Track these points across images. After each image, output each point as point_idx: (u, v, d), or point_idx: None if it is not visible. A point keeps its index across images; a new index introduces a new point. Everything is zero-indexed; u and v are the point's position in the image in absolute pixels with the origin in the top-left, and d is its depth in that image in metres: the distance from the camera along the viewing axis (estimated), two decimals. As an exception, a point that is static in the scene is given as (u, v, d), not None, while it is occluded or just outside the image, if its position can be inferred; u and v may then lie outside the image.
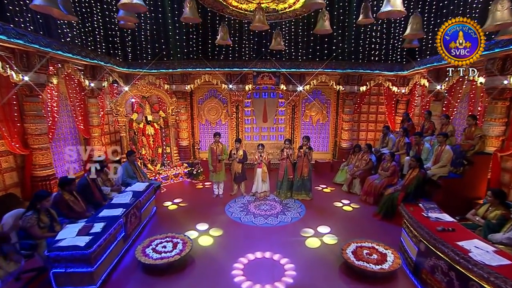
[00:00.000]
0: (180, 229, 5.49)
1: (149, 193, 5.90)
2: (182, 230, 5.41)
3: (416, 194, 5.66)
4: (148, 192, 5.81)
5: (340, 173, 8.38)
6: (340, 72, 9.28)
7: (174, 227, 5.60)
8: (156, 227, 5.64)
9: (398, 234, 5.10)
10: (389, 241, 4.71)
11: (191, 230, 5.53)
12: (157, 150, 8.83)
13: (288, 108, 10.18)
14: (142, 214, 5.45)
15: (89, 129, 7.74)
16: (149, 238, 4.77)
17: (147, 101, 8.50)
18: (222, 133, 10.13)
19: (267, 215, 6.23)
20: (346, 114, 9.87)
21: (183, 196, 7.34)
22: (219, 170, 7.17)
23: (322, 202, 6.99)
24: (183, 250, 4.43)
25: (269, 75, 9.34)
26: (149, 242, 4.65)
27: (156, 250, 4.41)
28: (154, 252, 4.37)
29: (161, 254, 4.30)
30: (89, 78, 7.33)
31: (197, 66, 9.26)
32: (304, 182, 7.11)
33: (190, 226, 5.65)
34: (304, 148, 6.98)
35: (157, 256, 4.25)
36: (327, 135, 10.39)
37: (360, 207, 6.75)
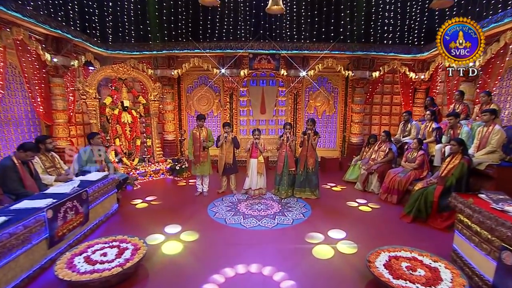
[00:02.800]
0: (143, 231, 4.02)
1: (106, 184, 4.44)
2: (144, 234, 3.93)
3: (459, 187, 4.19)
4: (103, 183, 4.35)
5: (351, 169, 6.86)
6: (349, 54, 7.90)
7: (135, 229, 4.14)
8: (112, 229, 4.15)
9: (443, 239, 3.64)
10: (432, 249, 3.17)
11: (157, 233, 4.03)
12: (135, 142, 7.40)
13: (289, 98, 8.77)
14: (91, 211, 3.96)
15: (52, 114, 6.35)
16: (87, 243, 3.27)
17: (124, 84, 7.14)
18: (214, 126, 8.76)
19: (261, 216, 4.72)
20: (356, 104, 8.43)
21: (159, 194, 5.86)
22: (204, 161, 5.70)
23: (332, 202, 5.46)
24: (129, 259, 2.93)
25: (268, 57, 7.96)
26: (85, 247, 3.15)
27: (90, 260, 2.90)
28: (86, 262, 2.86)
29: (94, 266, 2.79)
30: (52, 52, 6.01)
31: (185, 47, 7.95)
32: (309, 177, 5.60)
33: (157, 229, 4.16)
34: (309, 133, 5.51)
35: (87, 269, 2.75)
36: (335, 129, 8.92)
37: (381, 207, 5.20)
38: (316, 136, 5.57)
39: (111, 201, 4.65)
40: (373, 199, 5.57)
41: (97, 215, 4.17)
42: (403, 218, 4.55)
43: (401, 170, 5.45)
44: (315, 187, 5.62)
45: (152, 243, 3.74)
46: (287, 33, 8.25)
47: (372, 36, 8.11)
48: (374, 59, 7.95)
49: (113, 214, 4.65)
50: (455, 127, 5.05)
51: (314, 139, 5.52)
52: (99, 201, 4.21)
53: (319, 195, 5.64)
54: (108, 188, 4.52)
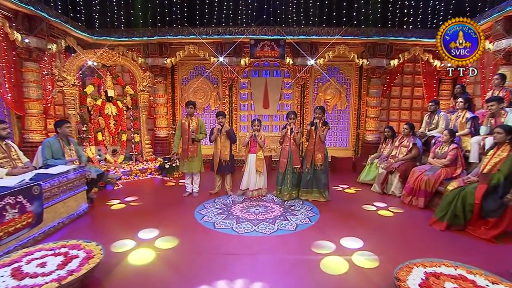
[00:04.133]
0: (112, 236, 3.41)
1: (72, 180, 3.83)
2: (112, 239, 3.31)
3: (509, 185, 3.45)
4: (68, 177, 3.74)
5: (367, 169, 6.13)
6: (363, 40, 7.25)
7: (104, 234, 3.58)
8: (75, 233, 3.52)
9: (492, 253, 2.95)
10: (480, 265, 2.43)
11: (128, 239, 3.38)
12: (120, 137, 6.83)
13: (295, 90, 8.12)
14: (47, 211, 3.35)
15: (23, 103, 5.83)
16: (24, 250, 2.63)
17: (109, 72, 6.61)
18: (211, 122, 8.15)
19: (259, 220, 4.03)
20: (371, 97, 7.73)
21: (141, 194, 5.24)
22: (192, 156, 5.07)
23: (345, 205, 4.74)
24: (75, 271, 2.28)
25: (271, 44, 7.36)
26: (21, 256, 2.51)
27: (20, 273, 2.25)
28: (12, 276, 2.22)
29: (21, 281, 2.15)
30: (23, 32, 5.51)
31: (179, 33, 7.42)
32: (317, 175, 4.90)
33: (129, 233, 3.52)
34: (317, 122, 4.83)
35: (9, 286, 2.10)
36: (347, 125, 8.21)
37: (405, 211, 4.46)
38: (326, 127, 4.89)
39: (79, 200, 4.03)
40: (394, 203, 4.83)
41: (56, 216, 3.55)
42: (435, 225, 3.80)
43: (428, 167, 4.71)
44: (325, 188, 4.92)
45: (118, 251, 3.10)
46: (293, 17, 7.65)
47: (390, 19, 7.44)
48: (392, 45, 7.27)
49: (80, 215, 4.03)
50: (498, 115, 4.30)
51: (323, 130, 4.84)
52: (59, 199, 3.59)
53: (329, 197, 4.92)
54: (75, 184, 3.92)
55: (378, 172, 5.59)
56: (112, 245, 3.20)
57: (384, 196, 5.25)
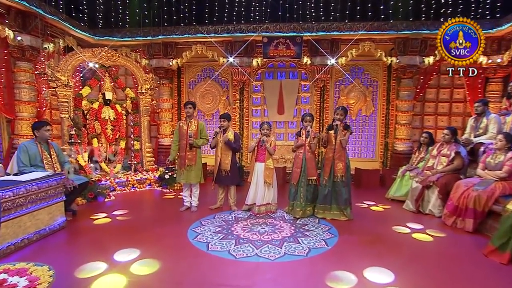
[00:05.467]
0: (83, 257, 3.00)
1: (45, 189, 3.45)
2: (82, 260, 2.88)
3: None
4: (39, 186, 3.37)
5: (398, 183, 5.43)
6: (393, 35, 6.66)
7: (74, 254, 3.20)
8: (42, 252, 3.11)
9: None
10: None
11: (100, 261, 2.91)
12: (118, 143, 6.53)
13: (314, 94, 7.57)
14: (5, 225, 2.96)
15: (14, 106, 5.65)
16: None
17: (107, 73, 6.39)
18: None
19: (263, 241, 3.47)
20: (402, 100, 7.04)
21: (133, 208, 4.83)
22: (191, 164, 4.62)
23: (371, 226, 4.08)
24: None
25: (286, 42, 6.91)
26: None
27: None
28: None
29: None
30: (16, 30, 5.38)
31: (185, 32, 7.15)
32: (337, 189, 4.29)
33: (104, 254, 3.06)
34: (336, 124, 4.25)
35: None
36: (374, 133, 7.51)
37: (447, 235, 3.73)
38: (347, 132, 4.30)
39: (54, 213, 3.64)
40: (433, 224, 4.12)
41: (20, 231, 3.15)
42: (492, 256, 3.07)
43: (477, 181, 3.98)
44: (346, 204, 4.28)
45: (83, 276, 2.64)
46: (311, 11, 7.19)
47: (424, 11, 6.80)
48: (426, 40, 6.60)
49: (55, 230, 3.62)
50: None
51: (344, 135, 4.25)
52: (25, 210, 3.20)
53: (351, 215, 4.28)
54: (49, 194, 3.53)
55: (412, 187, 4.89)
56: (78, 269, 2.74)
57: (420, 216, 4.54)
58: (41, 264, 2.38)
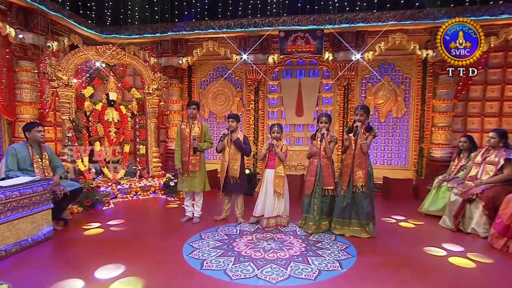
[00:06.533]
0: (61, 273, 2.90)
1: (28, 195, 3.39)
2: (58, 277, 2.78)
3: None
4: (21, 192, 3.30)
5: (433, 195, 4.99)
6: (429, 24, 6.23)
7: (51, 270, 3.09)
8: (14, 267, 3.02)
9: None
10: None
11: (77, 278, 2.77)
12: (122, 147, 6.51)
13: (337, 94, 7.23)
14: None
15: (15, 107, 5.76)
16: None
17: (112, 72, 6.42)
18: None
19: (267, 260, 3.20)
20: (440, 99, 6.55)
21: (131, 217, 4.74)
22: (194, 170, 4.45)
23: (398, 245, 3.69)
24: None
25: (305, 36, 6.65)
26: None
27: None
28: None
29: None
30: (17, 27, 5.51)
31: (195, 27, 7.09)
32: (357, 201, 3.93)
33: (84, 270, 2.93)
34: (357, 126, 3.92)
35: None
36: (406, 137, 7.03)
37: (496, 261, 3.27)
38: (370, 134, 3.95)
39: (39, 222, 3.57)
40: (476, 247, 3.66)
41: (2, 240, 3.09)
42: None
43: (531, 195, 3.50)
44: (368, 219, 3.91)
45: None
46: (334, 1, 6.88)
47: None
48: (470, 30, 6.12)
49: (39, 241, 3.54)
50: None
51: (366, 138, 3.91)
52: (4, 219, 3.12)
53: (374, 232, 3.91)
54: (33, 201, 3.47)
55: (450, 200, 4.43)
56: (54, 286, 2.61)
57: (460, 236, 4.07)
58: (2, 282, 2.25)
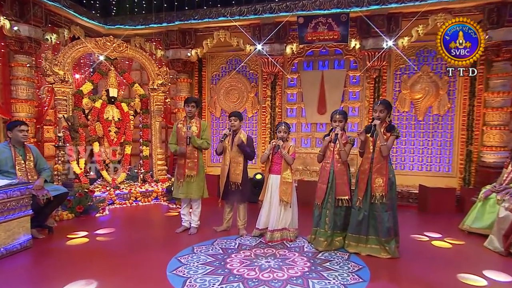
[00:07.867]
0: None
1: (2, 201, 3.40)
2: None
3: None
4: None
5: (479, 208, 4.52)
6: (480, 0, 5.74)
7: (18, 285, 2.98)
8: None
9: None
10: None
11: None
12: (123, 149, 6.55)
13: (367, 88, 6.85)
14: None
15: (11, 105, 5.96)
16: None
17: (113, 66, 6.48)
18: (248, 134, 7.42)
19: (261, 281, 2.98)
20: (494, 92, 5.98)
21: (123, 226, 4.77)
22: (191, 175, 4.32)
23: (425, 269, 3.32)
24: None
25: (328, 21, 6.33)
26: None
27: None
28: None
29: None
30: (12, 18, 5.67)
31: (205, 16, 7.02)
32: (376, 214, 3.60)
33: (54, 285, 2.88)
34: (375, 125, 3.60)
35: None
36: (450, 138, 6.51)
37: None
38: (391, 135, 3.61)
39: (15, 230, 3.57)
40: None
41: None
42: None
43: None
44: (389, 235, 3.56)
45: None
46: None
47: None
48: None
49: (14, 252, 3.53)
50: None
51: (387, 139, 3.57)
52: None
53: (396, 252, 3.56)
54: (8, 206, 3.48)
55: (499, 216, 3.97)
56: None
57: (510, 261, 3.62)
58: None
